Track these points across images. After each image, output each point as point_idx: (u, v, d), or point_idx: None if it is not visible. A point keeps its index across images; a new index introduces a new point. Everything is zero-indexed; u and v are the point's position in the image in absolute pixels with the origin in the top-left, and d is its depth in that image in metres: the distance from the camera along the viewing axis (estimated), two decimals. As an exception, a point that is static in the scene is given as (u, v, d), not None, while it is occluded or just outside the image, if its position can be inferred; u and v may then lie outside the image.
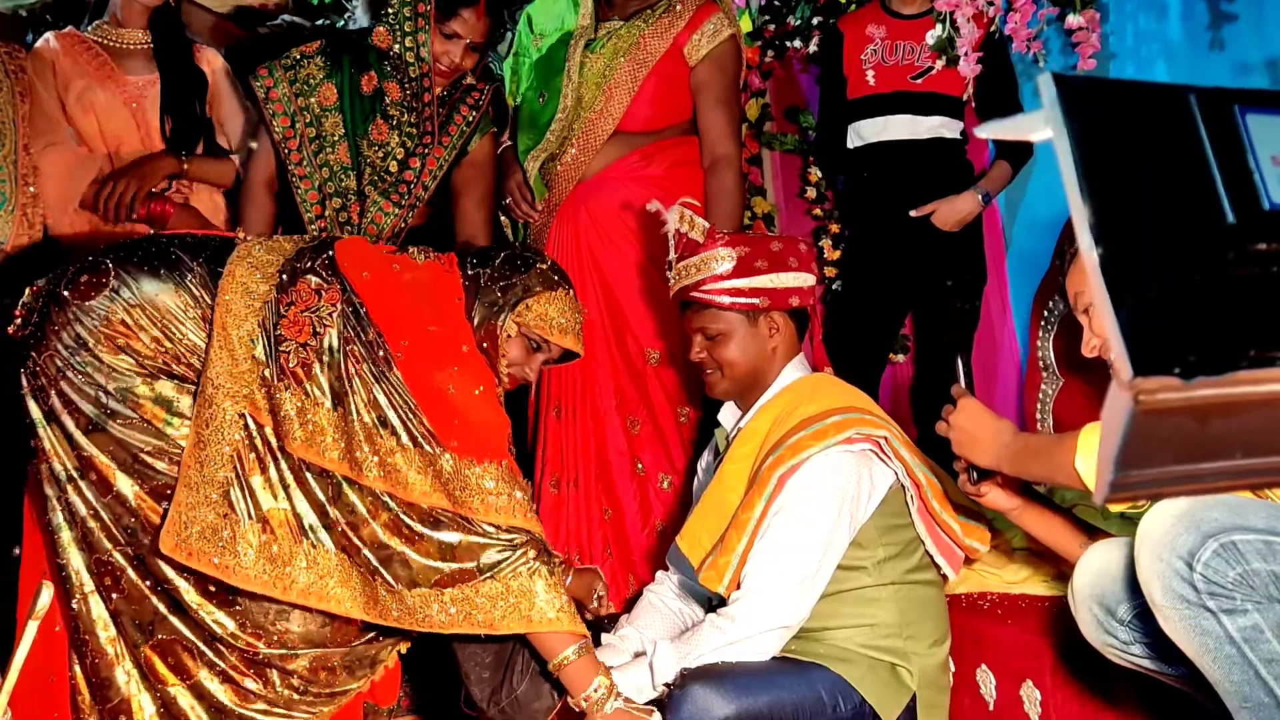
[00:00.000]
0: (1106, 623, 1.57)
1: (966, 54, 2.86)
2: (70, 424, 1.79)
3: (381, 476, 1.77)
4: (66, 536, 1.80)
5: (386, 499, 1.78)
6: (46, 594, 0.92)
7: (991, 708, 2.10)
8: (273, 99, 2.42)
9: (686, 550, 1.98)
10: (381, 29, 2.42)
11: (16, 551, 2.14)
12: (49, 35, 2.53)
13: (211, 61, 2.64)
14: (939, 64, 2.91)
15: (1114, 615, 1.56)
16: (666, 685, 1.89)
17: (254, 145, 2.53)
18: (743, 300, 2.04)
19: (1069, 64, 2.98)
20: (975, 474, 1.74)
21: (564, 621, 1.80)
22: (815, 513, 1.88)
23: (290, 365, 1.79)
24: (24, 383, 1.83)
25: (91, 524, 1.80)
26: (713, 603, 2.11)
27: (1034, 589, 2.17)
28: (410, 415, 1.80)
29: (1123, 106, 0.65)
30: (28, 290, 1.88)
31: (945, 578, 2.06)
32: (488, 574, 1.77)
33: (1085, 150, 0.63)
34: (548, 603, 1.79)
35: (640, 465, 2.56)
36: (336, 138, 2.42)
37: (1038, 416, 2.85)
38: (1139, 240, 0.62)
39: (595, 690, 1.83)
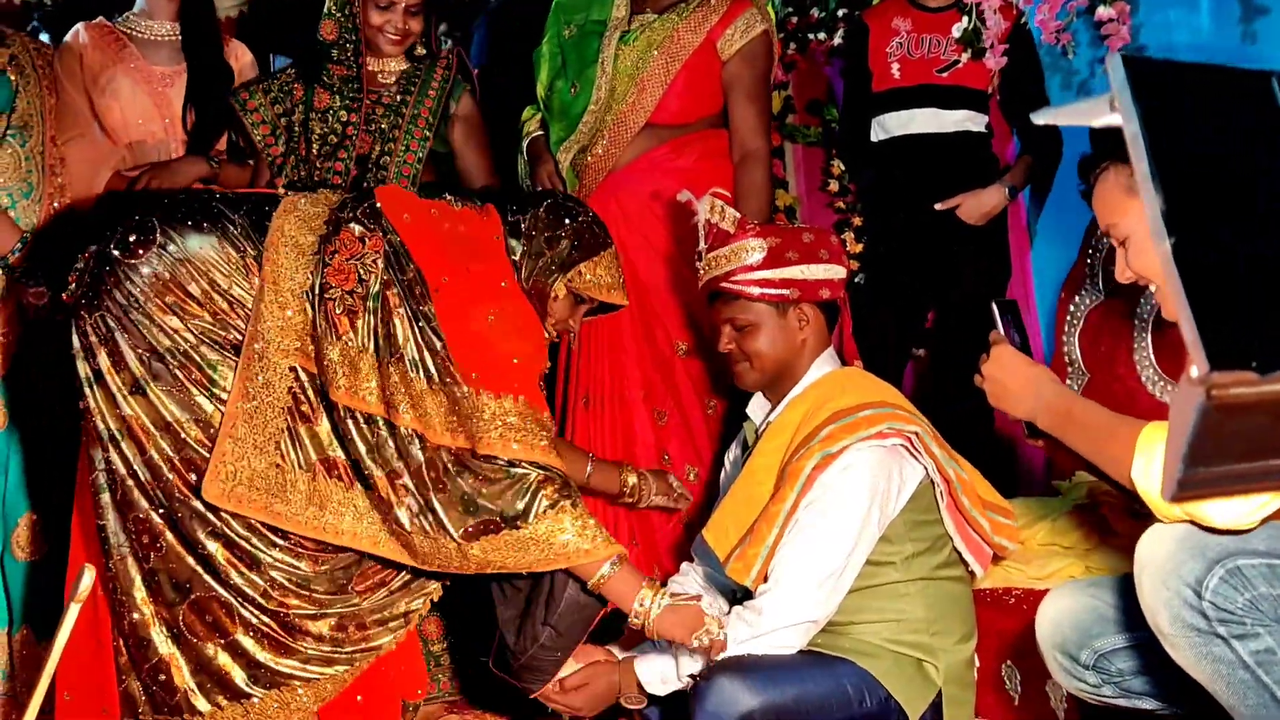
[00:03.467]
0: (1072, 669, 1.60)
1: (992, 46, 2.84)
2: (114, 384, 1.81)
3: (416, 418, 1.80)
4: (106, 498, 1.83)
5: (420, 448, 1.80)
6: (88, 576, 0.92)
7: (1016, 703, 2.09)
8: (250, 109, 2.45)
9: (713, 543, 1.97)
10: (328, 21, 2.44)
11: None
12: (79, 26, 2.54)
13: (239, 56, 2.65)
14: (965, 57, 2.90)
15: (1077, 661, 1.59)
16: (692, 676, 1.89)
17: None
18: (772, 291, 2.02)
19: (1097, 56, 2.95)
20: (1028, 427, 1.59)
21: (599, 550, 1.82)
22: (845, 507, 1.87)
23: (336, 313, 1.82)
24: (75, 342, 1.85)
25: (130, 484, 1.82)
26: (737, 595, 2.10)
27: (1060, 584, 2.15)
28: (438, 352, 1.82)
29: (1198, 90, 0.63)
30: (80, 257, 1.89)
31: (973, 574, 2.05)
32: (516, 519, 1.78)
33: (1157, 136, 0.61)
34: (578, 535, 1.80)
35: (667, 456, 2.56)
36: (321, 150, 2.44)
37: (1063, 412, 2.83)
38: (1214, 230, 0.61)
39: (641, 602, 1.84)
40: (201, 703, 1.83)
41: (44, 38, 2.76)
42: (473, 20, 3.58)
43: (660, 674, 1.90)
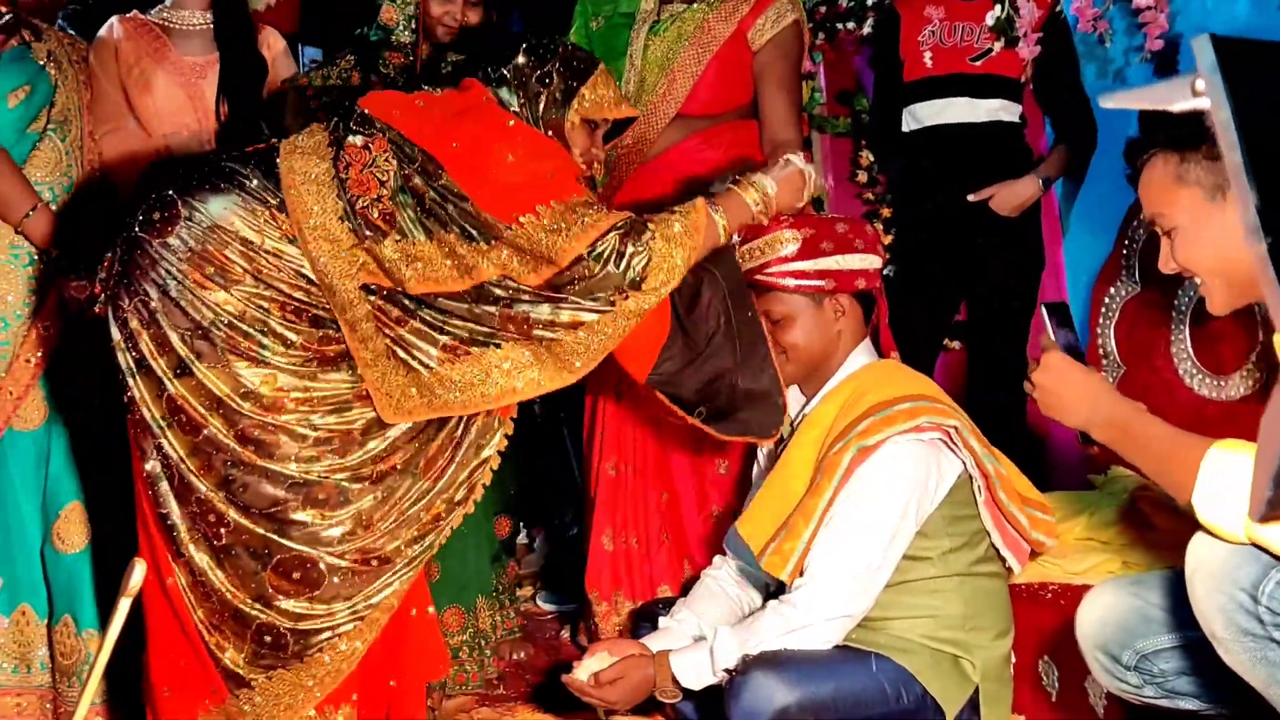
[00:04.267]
0: (1114, 669, 1.58)
1: (1026, 35, 2.81)
2: (160, 369, 1.82)
3: (497, 268, 1.84)
4: (165, 486, 1.84)
5: (513, 283, 1.84)
6: (139, 571, 0.92)
7: (1054, 699, 2.08)
8: (309, 95, 2.50)
9: (747, 536, 1.96)
10: (389, 7, 2.47)
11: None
12: (113, 20, 2.54)
13: (272, 45, 2.64)
14: (998, 45, 2.86)
15: (1120, 662, 1.57)
16: (727, 671, 1.88)
17: None
18: (808, 283, 2.01)
19: (1133, 44, 2.91)
20: (1082, 435, 1.53)
21: (695, 226, 1.88)
22: (882, 501, 1.86)
23: (374, 219, 1.85)
24: (114, 334, 1.85)
25: (185, 468, 1.82)
26: (770, 589, 2.09)
27: (1097, 579, 2.13)
28: (470, 214, 1.85)
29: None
30: (105, 258, 1.89)
31: (1010, 570, 2.03)
32: (628, 290, 1.84)
33: (1250, 125, 0.57)
34: (677, 244, 1.86)
35: (696, 447, 2.54)
36: None
37: (1097, 405, 2.80)
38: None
39: (754, 205, 1.96)
40: (314, 644, 1.85)
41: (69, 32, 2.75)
42: (509, 11, 3.57)
43: (696, 668, 1.89)
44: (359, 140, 1.89)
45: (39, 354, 2.32)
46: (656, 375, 2.00)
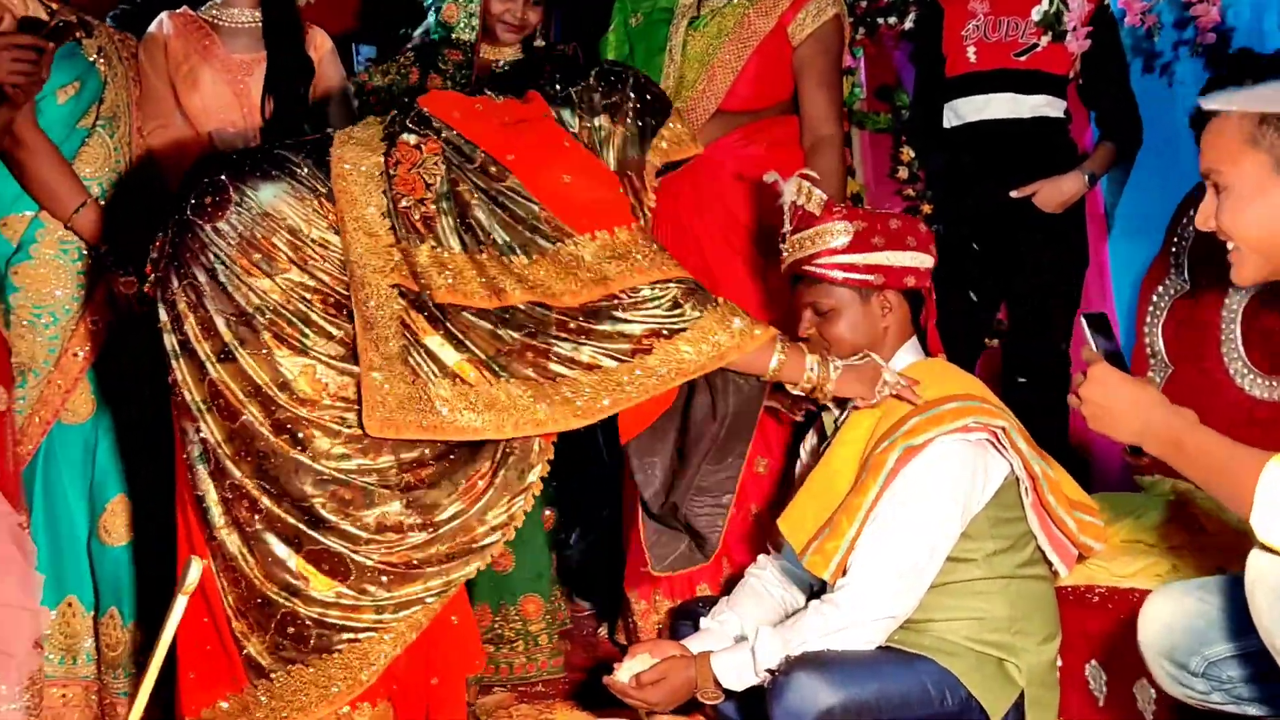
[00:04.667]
0: (1180, 676, 1.54)
1: (1075, 29, 2.77)
2: (203, 352, 1.84)
3: (527, 291, 1.82)
4: (203, 470, 1.86)
5: (543, 309, 1.83)
6: (196, 568, 0.93)
7: (1101, 704, 2.05)
8: (367, 90, 2.54)
9: (788, 534, 1.95)
10: (451, 4, 2.50)
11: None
12: (163, 16, 2.56)
13: (320, 45, 2.66)
14: (1044, 40, 2.83)
15: (1187, 669, 1.53)
16: (769, 671, 1.87)
17: None
18: (856, 276, 1.99)
19: (1182, 38, 2.87)
20: (1132, 449, 1.48)
21: (751, 333, 1.86)
22: (928, 501, 1.85)
23: (414, 220, 1.84)
24: (161, 315, 1.87)
25: (224, 451, 1.84)
26: (814, 588, 2.07)
27: (1145, 583, 2.10)
28: (537, 219, 1.84)
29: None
30: (154, 243, 1.91)
31: (1056, 574, 2.01)
32: (663, 335, 1.83)
33: None
34: (725, 331, 1.84)
35: None
36: None
37: (1144, 406, 2.76)
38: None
39: (811, 370, 1.91)
40: (337, 641, 1.86)
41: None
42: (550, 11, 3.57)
43: (737, 669, 1.89)
44: (412, 139, 1.89)
45: (87, 348, 2.35)
46: (637, 442, 1.97)
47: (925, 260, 2.04)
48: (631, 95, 2.00)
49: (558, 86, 2.01)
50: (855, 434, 1.96)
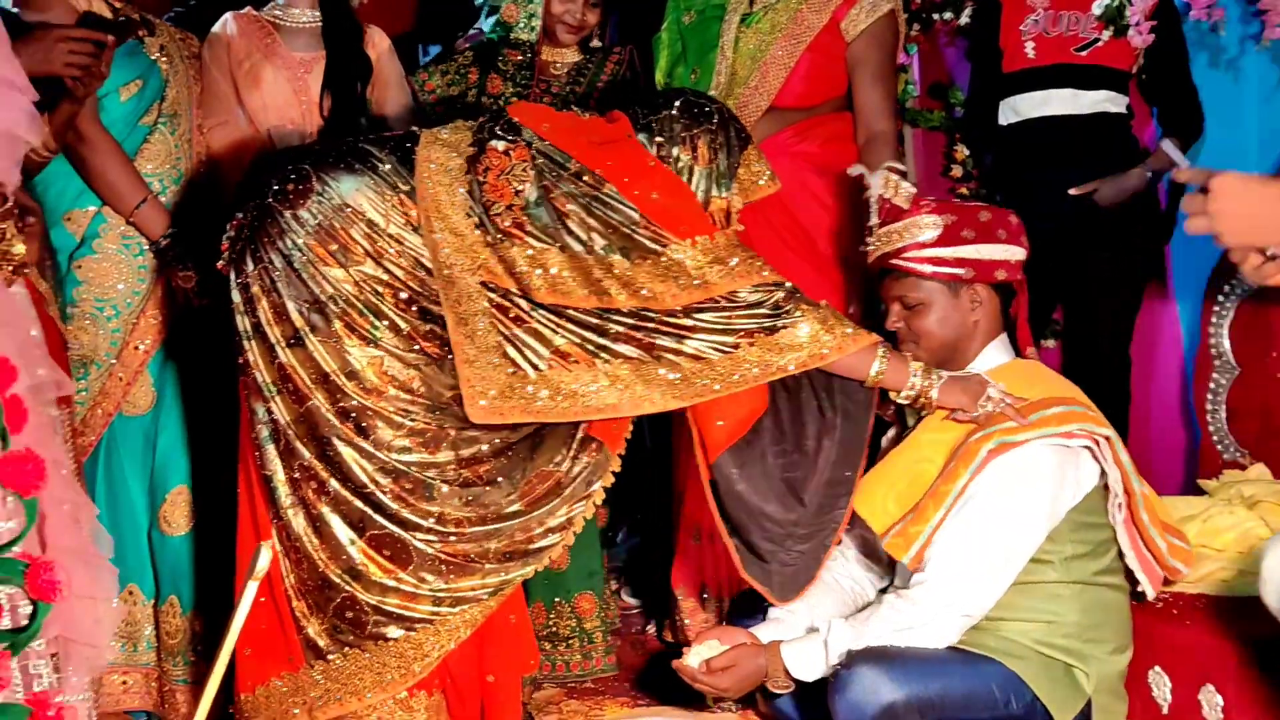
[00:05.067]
0: None
1: (1138, 24, 2.72)
2: (274, 336, 1.86)
3: (630, 295, 1.84)
4: (272, 450, 1.88)
5: (648, 311, 1.85)
6: (265, 555, 0.94)
7: (1165, 711, 2.01)
8: (427, 90, 2.56)
9: (865, 514, 1.93)
10: (511, 5, 2.52)
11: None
12: (227, 16, 2.60)
13: (377, 44, 2.68)
14: (1106, 35, 2.78)
15: None
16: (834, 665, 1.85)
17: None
18: (945, 270, 1.96)
19: (1248, 33, 2.81)
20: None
21: (856, 335, 1.87)
22: (1018, 500, 1.82)
23: (506, 225, 1.86)
24: (235, 297, 1.90)
25: (292, 433, 1.87)
26: (884, 581, 2.05)
27: (1210, 589, 2.06)
28: (635, 225, 1.86)
29: None
30: (230, 224, 1.93)
31: (1143, 594, 1.97)
32: (765, 333, 1.84)
33: None
34: (829, 332, 1.85)
35: None
36: None
37: (1208, 409, 2.71)
38: None
39: (913, 377, 1.90)
40: (393, 629, 1.88)
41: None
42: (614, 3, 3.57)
43: (809, 659, 1.87)
44: (501, 145, 1.91)
45: (148, 341, 2.38)
46: (724, 459, 1.95)
47: (1017, 253, 2.01)
48: (714, 130, 2.00)
49: (641, 111, 2.02)
50: (943, 420, 1.93)
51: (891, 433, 2.16)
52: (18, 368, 0.91)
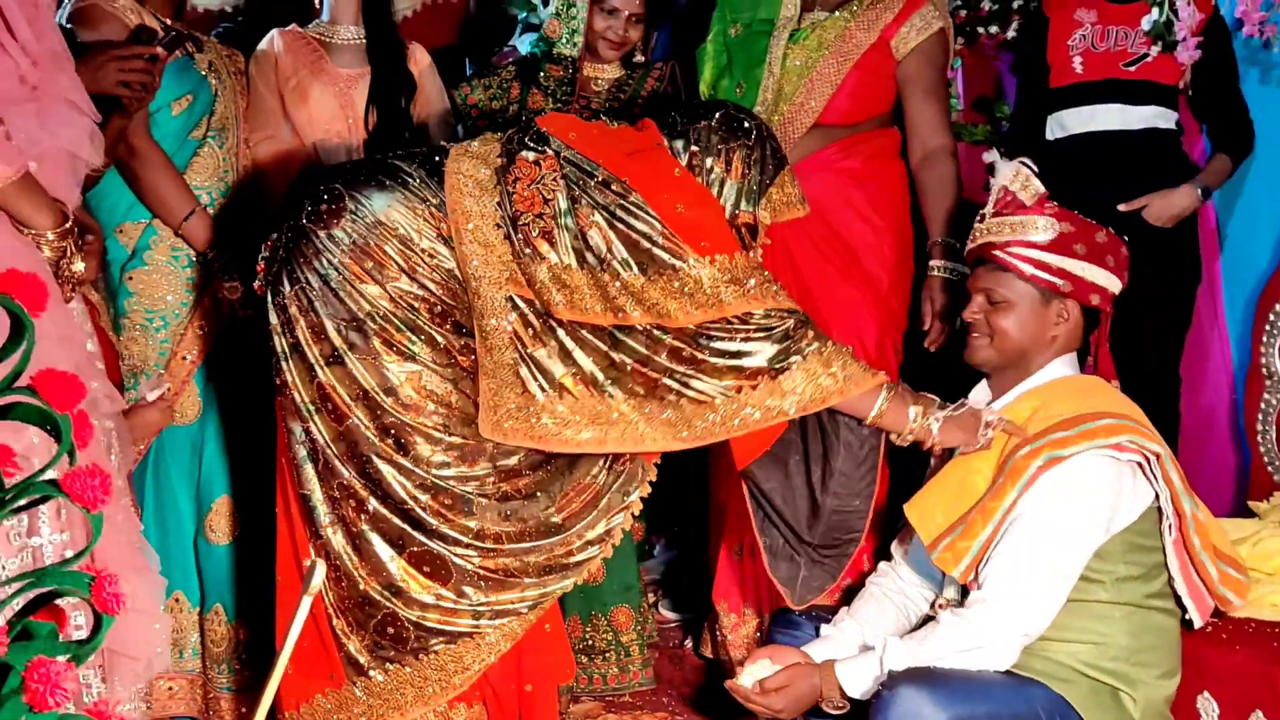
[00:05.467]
0: None
1: (1185, 39, 2.69)
2: (313, 355, 1.87)
3: (645, 312, 1.84)
4: (310, 470, 1.90)
5: (660, 332, 1.84)
6: (320, 571, 0.95)
7: (1215, 737, 1.97)
8: (469, 104, 2.61)
9: (916, 522, 1.92)
10: (554, 20, 2.54)
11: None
12: (274, 33, 2.64)
13: (419, 60, 2.72)
14: (1155, 50, 2.74)
15: None
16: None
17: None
18: (1045, 276, 1.94)
19: (1302, 49, 2.77)
20: None
21: (859, 378, 1.86)
22: (1067, 515, 1.79)
23: (533, 237, 1.86)
24: (272, 318, 1.91)
25: (330, 452, 1.88)
26: (935, 598, 2.03)
27: (1261, 612, 2.03)
28: (655, 237, 1.85)
29: None
30: (265, 244, 1.96)
31: (1190, 622, 1.94)
32: (777, 366, 1.83)
33: None
34: (838, 368, 1.84)
35: None
36: None
37: (1259, 429, 2.67)
38: None
39: (915, 420, 1.89)
40: (434, 643, 1.89)
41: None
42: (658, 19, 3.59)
43: (863, 678, 1.85)
44: (531, 155, 1.91)
45: (195, 351, 2.42)
46: (752, 466, 1.98)
47: (1116, 284, 1.99)
48: (751, 146, 1.99)
49: (677, 118, 2.01)
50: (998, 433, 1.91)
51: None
52: (85, 384, 0.93)
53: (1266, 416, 2.64)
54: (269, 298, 1.92)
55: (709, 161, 1.97)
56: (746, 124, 2.01)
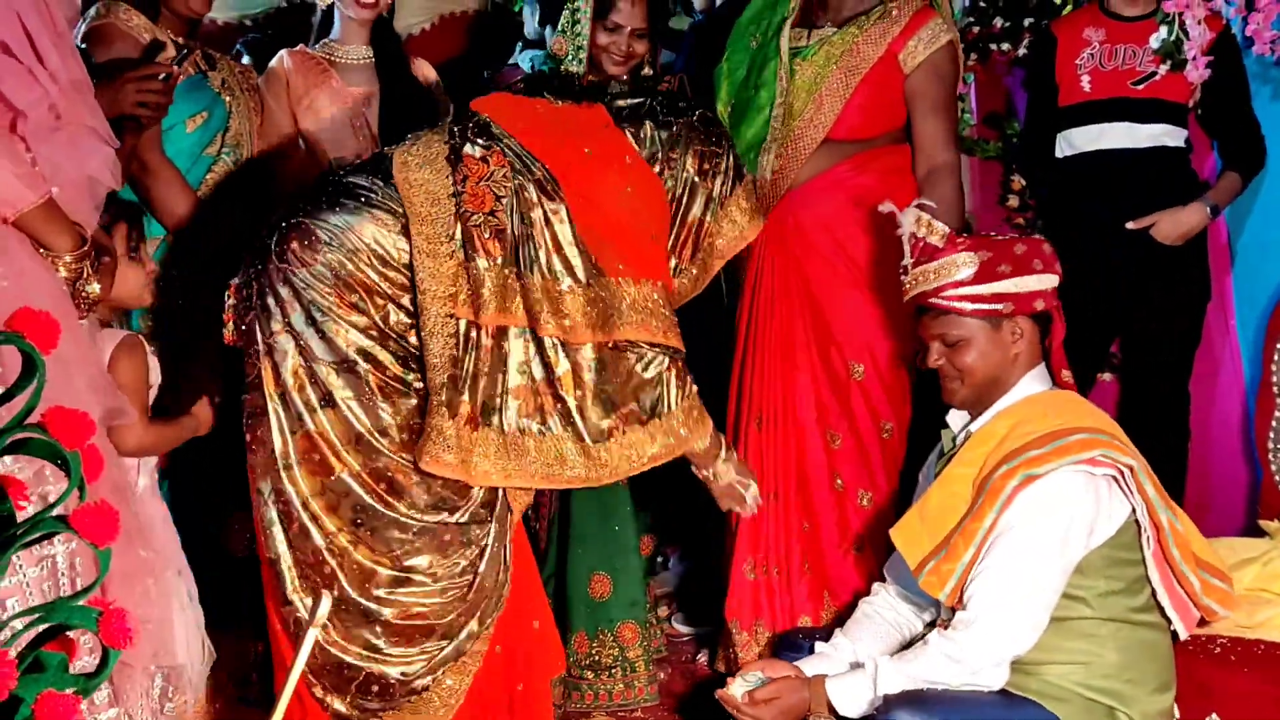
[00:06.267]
0: None
1: (1195, 58, 2.69)
2: (301, 402, 1.79)
3: (558, 325, 1.81)
4: (279, 533, 1.82)
5: (564, 354, 1.82)
6: (326, 602, 0.97)
7: (1223, 760, 1.97)
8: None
9: (902, 546, 1.93)
10: (560, 38, 2.53)
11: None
12: (283, 53, 2.68)
13: (426, 76, 2.75)
14: (1163, 69, 2.74)
15: None
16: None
17: None
18: (985, 306, 1.95)
19: (1313, 67, 2.76)
20: None
21: (719, 438, 2.06)
22: (1047, 531, 1.80)
23: (485, 238, 1.80)
24: (251, 371, 1.83)
25: (306, 514, 1.80)
26: (929, 615, 2.04)
27: (1271, 634, 2.02)
28: (575, 245, 1.84)
29: None
30: (230, 287, 1.89)
31: (1175, 635, 1.94)
32: (656, 408, 1.89)
33: None
34: (701, 422, 1.96)
35: (839, 480, 2.51)
36: None
37: (1270, 447, 2.66)
38: None
39: (720, 466, 2.10)
40: (420, 683, 1.87)
41: (245, 60, 2.90)
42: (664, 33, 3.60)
43: (854, 696, 1.87)
44: (477, 152, 1.84)
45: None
46: None
47: (1051, 280, 1.99)
48: (724, 154, 2.01)
49: (660, 107, 2.00)
50: (976, 453, 1.93)
51: (931, 462, 2.15)
52: (95, 420, 0.95)
53: (1278, 434, 2.63)
54: (246, 347, 1.84)
55: (686, 160, 1.97)
56: (719, 131, 2.04)
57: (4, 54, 1.47)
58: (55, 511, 0.90)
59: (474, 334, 1.81)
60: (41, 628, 0.91)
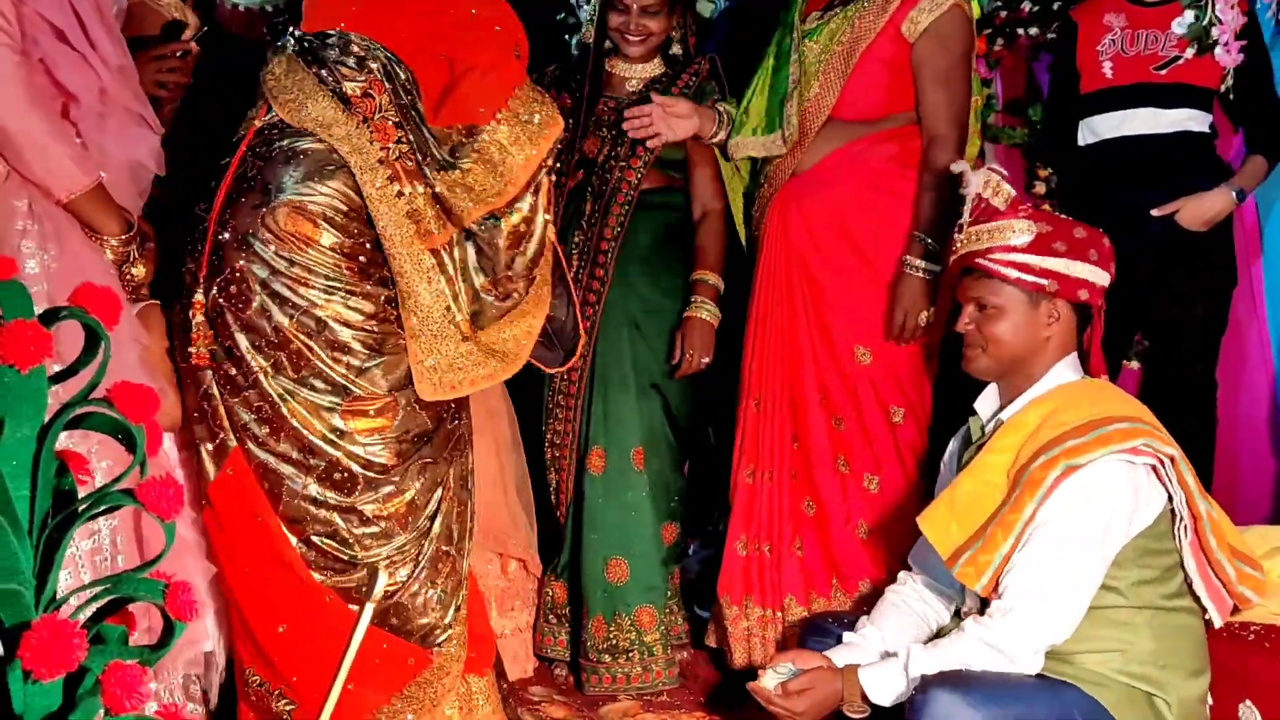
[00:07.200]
0: None
1: (1227, 43, 2.67)
2: (275, 389, 1.80)
3: (478, 203, 1.85)
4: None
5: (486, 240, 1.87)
6: (383, 578, 0.97)
7: (1256, 744, 1.97)
8: None
9: (933, 537, 1.91)
10: (589, 27, 2.58)
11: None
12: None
13: None
14: (1188, 53, 2.73)
15: None
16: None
17: None
18: (1029, 278, 1.93)
19: (1339, 52, 2.75)
20: None
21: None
22: (1091, 520, 1.79)
23: (408, 169, 1.81)
24: (213, 375, 1.81)
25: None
26: (957, 604, 2.04)
27: (1303, 621, 2.01)
28: (435, 136, 1.85)
29: None
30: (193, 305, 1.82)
31: (1209, 623, 1.93)
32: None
33: None
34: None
35: (843, 463, 2.49)
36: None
37: (1299, 433, 2.65)
38: None
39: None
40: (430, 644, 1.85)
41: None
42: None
43: (886, 684, 1.86)
44: (357, 89, 1.83)
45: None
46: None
47: (1103, 276, 1.97)
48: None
49: None
50: (1009, 441, 1.91)
51: (953, 449, 2.14)
52: (159, 394, 0.96)
53: (1307, 422, 2.63)
54: (213, 360, 1.79)
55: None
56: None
57: (59, 40, 1.48)
58: (119, 486, 0.91)
59: (440, 258, 1.85)
60: (103, 601, 0.92)
